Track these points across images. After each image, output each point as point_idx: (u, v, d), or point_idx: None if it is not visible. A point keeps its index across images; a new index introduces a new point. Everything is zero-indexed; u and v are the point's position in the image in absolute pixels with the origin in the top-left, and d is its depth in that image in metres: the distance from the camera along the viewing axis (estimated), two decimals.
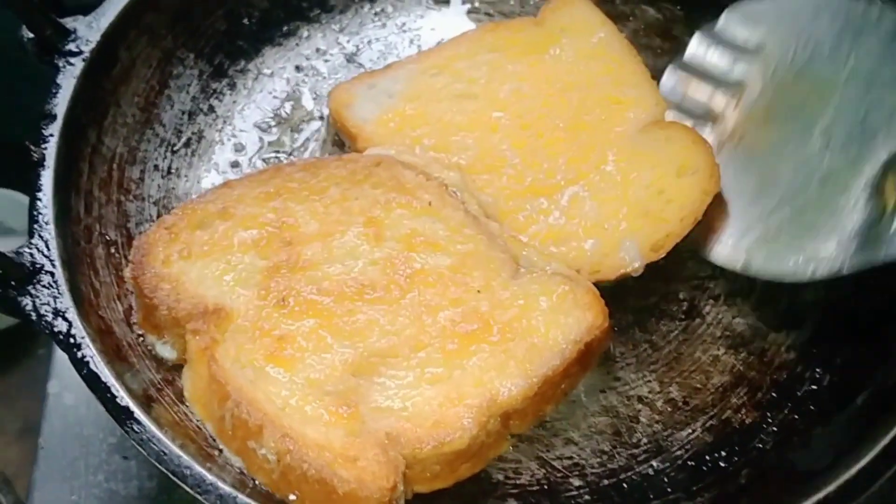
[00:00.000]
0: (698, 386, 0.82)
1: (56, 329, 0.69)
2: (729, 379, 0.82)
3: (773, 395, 0.81)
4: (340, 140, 0.94)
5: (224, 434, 0.71)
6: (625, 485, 0.77)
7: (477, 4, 1.05)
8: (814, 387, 0.81)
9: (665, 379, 0.82)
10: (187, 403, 0.74)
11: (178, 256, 0.77)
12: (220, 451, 0.72)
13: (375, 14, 1.04)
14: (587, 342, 0.75)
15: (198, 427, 0.72)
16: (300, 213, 0.80)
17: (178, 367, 0.76)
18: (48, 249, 0.72)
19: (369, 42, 1.02)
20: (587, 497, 0.77)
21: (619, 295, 0.86)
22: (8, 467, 1.65)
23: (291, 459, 0.67)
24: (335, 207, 0.81)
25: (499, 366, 0.73)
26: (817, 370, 0.81)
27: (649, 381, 0.82)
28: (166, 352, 0.76)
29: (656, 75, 0.97)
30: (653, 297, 0.86)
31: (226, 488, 0.65)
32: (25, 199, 0.76)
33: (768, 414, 0.80)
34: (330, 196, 0.81)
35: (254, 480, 0.69)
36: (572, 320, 0.76)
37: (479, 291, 0.77)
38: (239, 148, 0.94)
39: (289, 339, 0.73)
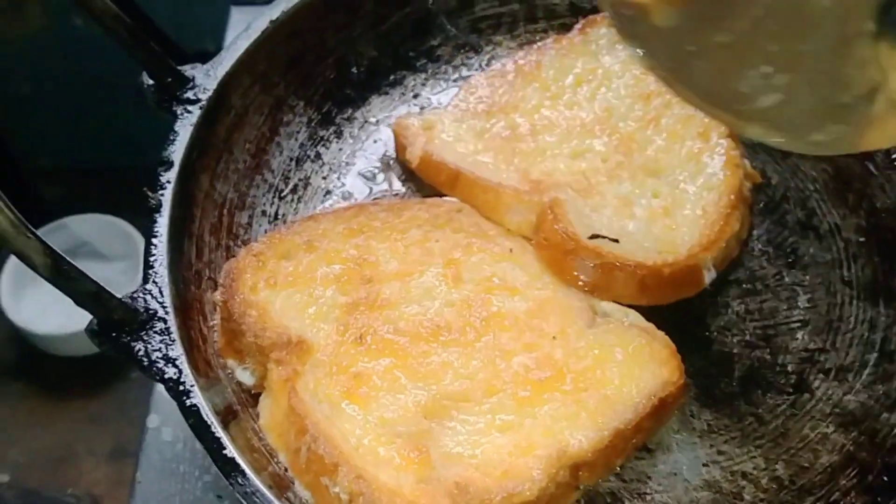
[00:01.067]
0: (806, 465, 0.78)
1: (167, 376, 0.70)
2: (838, 459, 0.77)
3: (885, 478, 0.76)
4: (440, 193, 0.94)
5: (297, 466, 0.71)
6: None
7: None
8: None
9: (771, 455, 0.78)
10: (262, 431, 0.74)
11: (265, 285, 0.78)
12: (293, 482, 0.72)
13: (484, 64, 1.05)
14: (661, 397, 0.73)
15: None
16: (381, 252, 0.81)
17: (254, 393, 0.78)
18: (161, 296, 0.74)
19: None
20: None
21: (725, 364, 0.84)
22: (97, 488, 1.70)
23: (364, 501, 0.66)
24: (416, 248, 0.81)
25: (570, 416, 0.71)
26: None
27: (754, 457, 0.78)
28: (246, 377, 0.77)
29: None
30: (760, 369, 0.84)
31: None
32: (123, 225, 0.78)
33: (879, 499, 0.74)
34: (411, 237, 0.82)
35: None
36: (647, 374, 0.74)
37: (554, 338, 0.76)
38: (345, 195, 0.95)
39: (364, 376, 0.73)
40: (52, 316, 1.88)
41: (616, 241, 0.82)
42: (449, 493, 0.67)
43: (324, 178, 0.96)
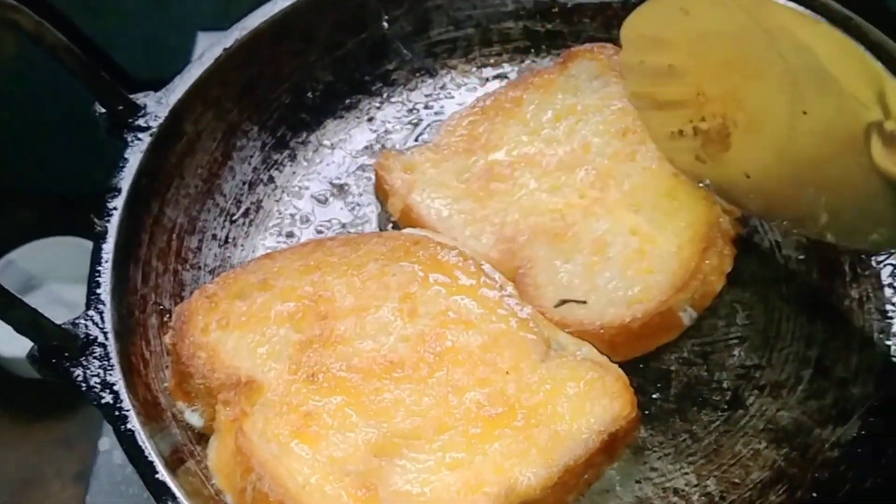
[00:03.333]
0: (737, 481, 0.80)
1: (104, 401, 0.72)
2: (769, 475, 0.80)
3: (814, 494, 0.78)
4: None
5: None
6: None
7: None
8: (855, 488, 0.78)
9: (703, 472, 0.80)
10: (210, 472, 0.76)
11: (217, 326, 0.80)
12: None
13: (440, 88, 1.07)
14: (612, 432, 0.75)
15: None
16: (337, 287, 0.82)
17: (204, 435, 0.79)
18: (102, 322, 0.76)
19: (430, 113, 1.05)
20: None
21: (661, 381, 0.85)
22: None
23: None
24: (372, 283, 0.82)
25: (521, 453, 0.73)
26: (860, 471, 0.79)
27: (687, 474, 0.80)
28: (194, 419, 0.79)
29: None
30: (696, 385, 0.85)
31: None
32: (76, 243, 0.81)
33: None
34: (368, 271, 0.83)
35: None
36: (599, 409, 0.76)
37: (507, 373, 0.77)
38: (296, 219, 0.97)
39: (315, 415, 0.74)
40: (20, 340, 1.89)
41: (584, 302, 0.84)
42: None
43: (276, 200, 0.98)
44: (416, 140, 1.03)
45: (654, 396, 0.84)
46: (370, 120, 1.05)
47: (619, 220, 0.89)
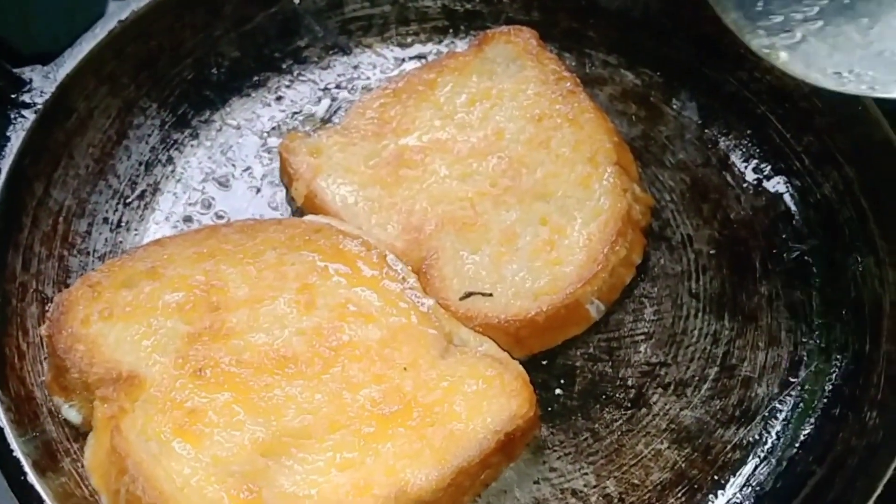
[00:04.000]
0: (637, 482, 0.79)
1: None
2: (669, 476, 0.79)
3: (712, 497, 0.78)
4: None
5: None
6: None
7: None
8: (757, 490, 0.77)
9: (603, 472, 0.79)
10: (86, 471, 0.72)
11: (99, 317, 0.75)
12: None
13: (353, 67, 1.03)
14: (508, 432, 0.73)
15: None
16: (232, 277, 0.79)
17: (83, 432, 0.75)
18: None
19: (343, 93, 1.01)
20: None
21: (566, 377, 0.83)
22: None
23: None
24: (269, 272, 0.79)
25: (414, 453, 0.71)
26: (761, 474, 0.78)
27: (586, 474, 0.79)
28: (72, 415, 0.75)
29: (631, 143, 0.95)
30: (601, 382, 0.84)
31: None
32: None
33: None
34: (265, 260, 0.80)
35: None
36: (496, 408, 0.74)
37: (405, 369, 0.75)
38: (195, 203, 0.93)
39: (200, 412, 0.71)
40: None
41: (490, 294, 0.82)
42: None
43: (176, 182, 0.94)
44: (327, 122, 0.99)
45: (557, 393, 0.83)
46: (279, 99, 1.00)
47: (529, 209, 0.87)
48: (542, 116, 0.93)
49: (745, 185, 0.95)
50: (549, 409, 0.81)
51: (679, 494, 0.78)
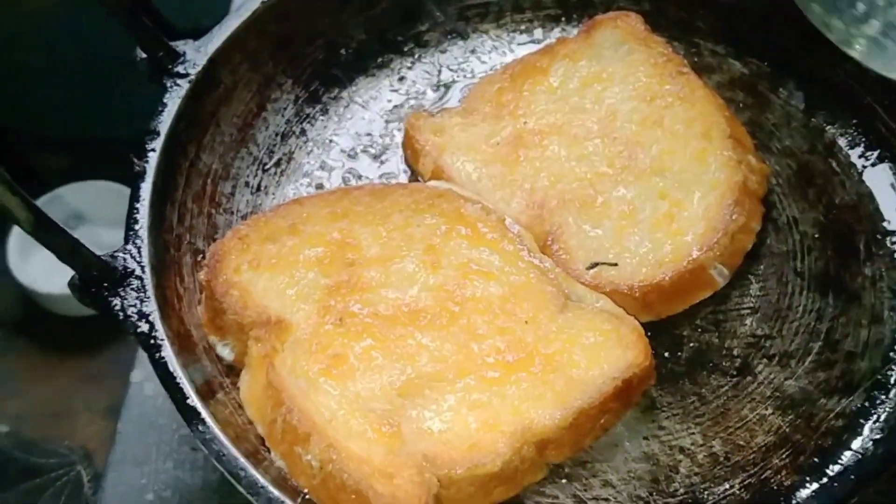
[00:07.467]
0: (741, 443, 0.83)
1: (140, 330, 0.76)
2: (773, 440, 0.83)
3: (815, 460, 0.81)
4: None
5: (273, 437, 0.76)
6: None
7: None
8: (859, 455, 0.81)
9: (709, 433, 0.83)
10: (242, 403, 0.79)
11: (248, 266, 0.82)
12: (269, 450, 0.77)
13: (470, 52, 1.08)
14: (625, 379, 0.78)
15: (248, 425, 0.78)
16: (364, 236, 0.85)
17: (234, 368, 0.82)
18: (140, 256, 0.79)
19: (460, 76, 1.06)
20: None
21: (673, 346, 0.88)
22: (90, 442, 1.77)
23: (333, 469, 0.71)
24: (397, 233, 0.85)
25: (537, 396, 0.76)
26: (862, 440, 0.82)
27: (693, 434, 0.83)
28: (226, 353, 0.82)
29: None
30: (707, 351, 0.88)
31: (275, 492, 0.70)
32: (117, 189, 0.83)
33: (808, 478, 0.80)
34: (393, 222, 0.86)
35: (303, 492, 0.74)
36: (613, 357, 0.78)
37: (526, 322, 0.80)
38: (325, 171, 0.99)
39: (342, 357, 0.77)
40: (56, 277, 1.93)
41: (615, 264, 0.87)
42: (417, 464, 0.72)
43: (308, 153, 1.01)
44: (444, 102, 1.05)
45: (665, 358, 0.87)
46: (401, 80, 1.07)
47: (647, 185, 0.91)
48: (653, 96, 0.97)
49: (850, 171, 0.98)
50: (658, 373, 0.85)
51: (783, 456, 0.82)
